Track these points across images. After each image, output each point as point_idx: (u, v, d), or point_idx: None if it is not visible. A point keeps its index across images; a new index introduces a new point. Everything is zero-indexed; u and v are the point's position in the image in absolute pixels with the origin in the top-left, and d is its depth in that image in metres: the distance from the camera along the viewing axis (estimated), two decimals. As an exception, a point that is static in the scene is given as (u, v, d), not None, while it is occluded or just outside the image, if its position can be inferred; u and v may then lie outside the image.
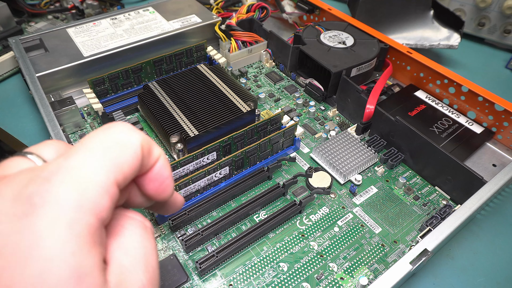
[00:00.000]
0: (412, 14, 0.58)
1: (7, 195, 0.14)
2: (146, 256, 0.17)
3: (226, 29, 0.53)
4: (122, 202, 0.19)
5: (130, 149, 0.17)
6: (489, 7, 0.60)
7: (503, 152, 0.44)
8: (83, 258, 0.14)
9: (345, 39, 0.51)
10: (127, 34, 0.51)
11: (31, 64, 0.45)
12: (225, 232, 0.35)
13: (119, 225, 0.17)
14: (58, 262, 0.13)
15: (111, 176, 0.16)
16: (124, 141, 0.17)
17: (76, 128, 0.44)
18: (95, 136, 0.16)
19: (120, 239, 0.17)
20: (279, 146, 0.41)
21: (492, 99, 0.43)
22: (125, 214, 0.18)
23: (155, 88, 0.44)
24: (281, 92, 0.51)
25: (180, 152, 0.38)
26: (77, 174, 0.15)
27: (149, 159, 0.18)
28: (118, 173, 0.16)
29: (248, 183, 0.37)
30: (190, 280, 0.31)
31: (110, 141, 0.16)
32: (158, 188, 0.20)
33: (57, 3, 0.67)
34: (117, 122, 0.18)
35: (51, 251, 0.13)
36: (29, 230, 0.13)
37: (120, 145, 0.17)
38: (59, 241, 0.13)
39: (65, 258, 0.13)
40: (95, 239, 0.15)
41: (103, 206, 0.15)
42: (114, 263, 0.16)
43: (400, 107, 0.47)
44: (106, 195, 0.15)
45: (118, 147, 0.16)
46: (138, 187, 0.20)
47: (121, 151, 0.16)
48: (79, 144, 0.16)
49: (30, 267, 0.13)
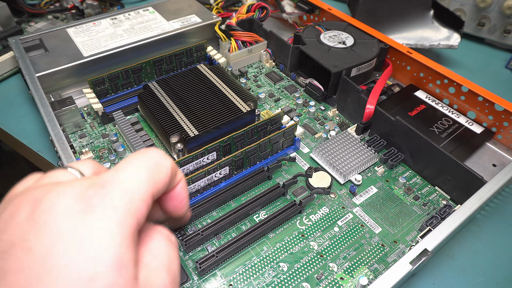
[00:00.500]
0: (412, 14, 0.58)
1: (71, 194, 0.18)
2: (169, 262, 0.21)
3: (226, 29, 0.53)
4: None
5: (165, 170, 0.22)
6: (489, 7, 0.60)
7: (503, 152, 0.44)
8: (125, 251, 0.17)
9: (345, 39, 0.51)
10: (127, 34, 0.51)
11: (31, 64, 0.45)
12: (225, 232, 0.35)
13: (148, 235, 0.21)
14: (107, 251, 0.17)
15: (149, 189, 0.20)
16: (161, 163, 0.22)
17: (76, 128, 0.44)
18: (138, 157, 0.21)
19: (149, 246, 0.21)
20: (279, 146, 0.41)
21: (492, 99, 0.43)
22: (154, 227, 0.22)
23: (155, 88, 0.44)
24: (281, 92, 0.51)
25: (180, 152, 0.38)
26: (126, 184, 0.19)
27: (174, 180, 0.23)
28: (154, 188, 0.20)
29: (248, 183, 0.37)
30: (190, 280, 0.31)
31: (151, 162, 0.21)
32: (177, 205, 0.25)
33: (57, 3, 0.67)
34: (152, 148, 0.22)
35: (103, 241, 0.17)
36: (87, 223, 0.17)
37: (158, 166, 0.21)
38: (110, 234, 0.17)
39: (113, 248, 0.17)
40: (134, 238, 0.18)
41: (142, 213, 0.19)
42: (143, 264, 0.19)
43: (400, 107, 0.47)
44: (145, 204, 0.19)
45: (156, 167, 0.21)
46: (159, 204, 0.24)
47: (158, 171, 0.21)
48: (125, 162, 0.20)
49: (85, 252, 0.16)
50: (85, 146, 0.42)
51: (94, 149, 0.42)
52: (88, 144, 0.42)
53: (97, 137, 0.43)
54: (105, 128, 0.44)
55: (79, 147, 0.42)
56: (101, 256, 0.17)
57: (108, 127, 0.45)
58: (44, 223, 0.17)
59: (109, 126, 0.45)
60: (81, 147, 0.42)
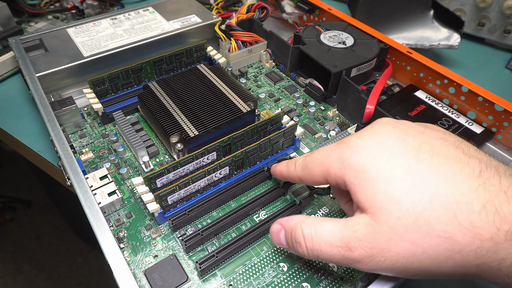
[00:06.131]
0: (412, 14, 0.58)
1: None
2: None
3: (226, 29, 0.53)
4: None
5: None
6: (489, 7, 0.60)
7: (503, 152, 0.44)
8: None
9: (345, 39, 0.51)
10: (127, 34, 0.51)
11: (31, 64, 0.45)
12: (225, 232, 0.35)
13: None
14: None
15: None
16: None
17: (76, 128, 0.44)
18: None
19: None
20: (279, 146, 0.41)
21: (492, 99, 0.43)
22: None
23: (155, 88, 0.44)
24: (281, 92, 0.51)
25: (180, 152, 0.38)
26: None
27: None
28: None
29: (248, 183, 0.37)
30: (190, 280, 0.31)
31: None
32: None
33: (57, 3, 0.67)
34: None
35: None
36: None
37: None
38: None
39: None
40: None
41: None
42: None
43: (400, 107, 0.47)
44: None
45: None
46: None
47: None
48: None
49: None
50: (85, 146, 0.42)
51: (94, 149, 0.42)
52: (88, 144, 0.42)
53: (97, 137, 0.43)
54: (105, 128, 0.44)
55: (79, 147, 0.42)
56: None
57: (108, 127, 0.45)
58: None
59: (109, 126, 0.45)
60: (81, 147, 0.42)
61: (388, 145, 0.25)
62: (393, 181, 0.23)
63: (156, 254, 0.33)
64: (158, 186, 0.35)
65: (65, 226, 1.22)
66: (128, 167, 0.40)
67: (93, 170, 0.39)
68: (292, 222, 0.27)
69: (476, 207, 0.21)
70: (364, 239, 0.23)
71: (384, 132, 0.26)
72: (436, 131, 0.26)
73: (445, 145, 0.24)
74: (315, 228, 0.25)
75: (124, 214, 0.36)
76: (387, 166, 0.24)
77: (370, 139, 0.26)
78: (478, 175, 0.22)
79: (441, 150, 0.24)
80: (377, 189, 0.23)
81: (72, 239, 1.20)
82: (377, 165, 0.24)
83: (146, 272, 0.31)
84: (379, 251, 0.23)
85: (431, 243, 0.21)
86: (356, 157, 0.25)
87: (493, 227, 0.20)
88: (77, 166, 0.34)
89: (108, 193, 0.35)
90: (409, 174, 0.23)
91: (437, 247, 0.21)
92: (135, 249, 0.33)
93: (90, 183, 0.36)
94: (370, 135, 0.26)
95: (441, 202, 0.22)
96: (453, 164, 0.23)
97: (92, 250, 1.17)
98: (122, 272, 0.27)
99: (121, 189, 0.38)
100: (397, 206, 0.22)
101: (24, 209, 1.27)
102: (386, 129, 0.26)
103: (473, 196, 0.21)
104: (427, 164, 0.23)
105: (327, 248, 0.24)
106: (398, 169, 0.23)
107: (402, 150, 0.24)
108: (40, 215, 1.26)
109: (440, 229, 0.21)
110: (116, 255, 0.28)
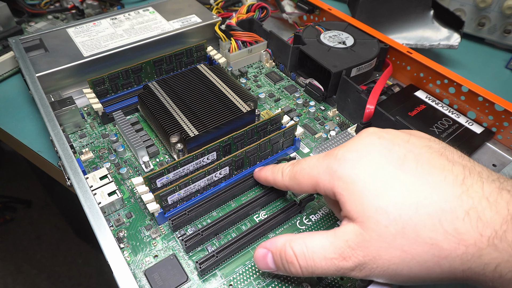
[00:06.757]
0: (412, 14, 0.58)
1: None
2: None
3: (226, 29, 0.53)
4: None
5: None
6: (489, 7, 0.60)
7: (503, 152, 0.44)
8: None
9: (345, 39, 0.51)
10: (127, 34, 0.51)
11: (31, 64, 0.45)
12: (225, 232, 0.35)
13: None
14: None
15: None
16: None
17: (76, 128, 0.44)
18: None
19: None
20: (279, 146, 0.41)
21: (492, 99, 0.43)
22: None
23: (155, 88, 0.44)
24: (281, 92, 0.51)
25: (180, 152, 0.38)
26: None
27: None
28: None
29: (248, 183, 0.37)
30: (190, 280, 0.31)
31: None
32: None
33: (57, 3, 0.67)
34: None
35: None
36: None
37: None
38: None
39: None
40: None
41: None
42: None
43: (400, 107, 0.47)
44: None
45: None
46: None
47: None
48: None
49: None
50: (85, 146, 0.42)
51: (94, 149, 0.42)
52: (88, 144, 0.42)
53: (97, 137, 0.43)
54: (105, 128, 0.44)
55: (79, 147, 0.42)
56: None
57: (108, 127, 0.45)
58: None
59: (109, 126, 0.45)
60: (81, 147, 0.42)
61: (374, 156, 0.25)
62: (380, 192, 0.24)
63: (156, 254, 0.33)
64: (158, 186, 0.35)
65: (65, 226, 1.22)
66: (128, 167, 0.40)
67: (93, 170, 0.39)
68: (278, 244, 0.27)
69: (460, 214, 0.21)
70: (357, 248, 0.24)
71: (370, 143, 0.26)
72: (421, 138, 0.27)
73: (429, 152, 0.25)
74: (305, 245, 0.26)
75: (124, 214, 0.36)
76: (374, 177, 0.24)
77: (356, 151, 0.26)
78: (461, 182, 0.23)
79: (426, 158, 0.24)
80: (365, 199, 0.24)
81: (72, 239, 1.20)
82: (364, 176, 0.25)
83: (146, 272, 0.31)
84: (371, 259, 0.23)
85: (419, 249, 0.22)
86: (343, 169, 0.26)
87: (476, 233, 0.21)
88: (77, 166, 0.34)
89: (108, 193, 0.35)
90: (395, 184, 0.24)
91: (424, 254, 0.22)
92: (135, 249, 0.33)
93: (90, 183, 0.36)
94: (357, 147, 0.27)
95: (427, 210, 0.22)
96: (437, 172, 0.23)
97: (92, 250, 1.17)
98: (122, 272, 0.27)
99: (121, 189, 0.38)
100: (384, 215, 0.23)
101: (24, 209, 1.27)
102: (372, 140, 0.26)
103: (456, 203, 0.22)
104: (413, 173, 0.24)
105: (322, 262, 0.25)
106: (385, 180, 0.24)
107: (388, 160, 0.25)
108: (40, 215, 1.26)
109: (427, 236, 0.22)
110: (116, 255, 0.28)
